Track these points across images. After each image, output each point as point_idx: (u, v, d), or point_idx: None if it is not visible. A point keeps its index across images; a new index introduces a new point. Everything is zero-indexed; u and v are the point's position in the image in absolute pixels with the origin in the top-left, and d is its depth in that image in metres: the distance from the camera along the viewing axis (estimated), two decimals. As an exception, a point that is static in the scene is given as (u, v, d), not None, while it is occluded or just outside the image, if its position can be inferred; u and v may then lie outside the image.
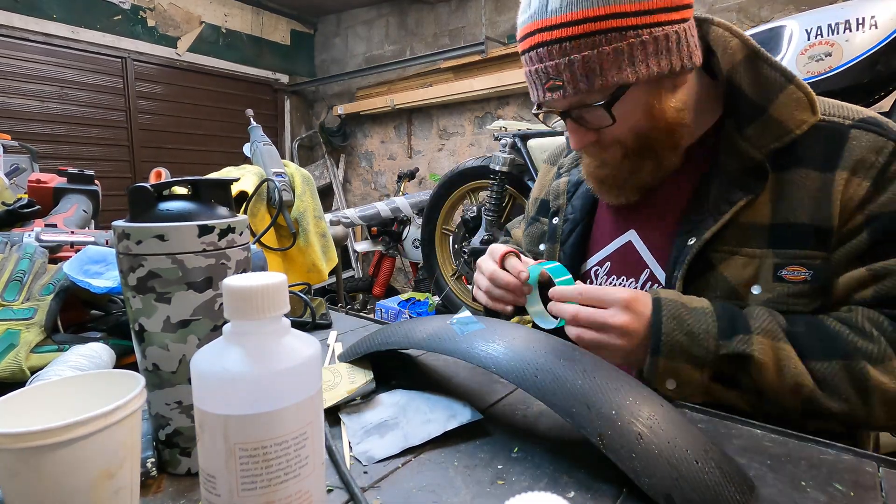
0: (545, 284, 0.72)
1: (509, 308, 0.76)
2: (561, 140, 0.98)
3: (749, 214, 0.63)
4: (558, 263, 0.71)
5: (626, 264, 0.76)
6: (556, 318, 0.68)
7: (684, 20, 0.62)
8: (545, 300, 0.70)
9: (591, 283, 0.80)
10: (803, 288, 0.61)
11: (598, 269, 0.79)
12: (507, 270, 0.75)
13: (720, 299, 0.63)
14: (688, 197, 0.70)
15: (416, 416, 0.51)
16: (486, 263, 0.78)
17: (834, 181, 0.60)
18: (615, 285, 0.77)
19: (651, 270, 0.73)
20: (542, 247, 0.88)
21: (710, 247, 0.65)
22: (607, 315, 0.60)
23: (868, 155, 0.60)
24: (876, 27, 1.68)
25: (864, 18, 1.69)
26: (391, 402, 0.54)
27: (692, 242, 0.65)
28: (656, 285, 0.72)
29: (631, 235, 0.76)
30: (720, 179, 0.66)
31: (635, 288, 0.74)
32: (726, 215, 0.63)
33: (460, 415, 0.51)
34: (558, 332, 0.65)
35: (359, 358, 0.61)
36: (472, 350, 0.49)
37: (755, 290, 0.62)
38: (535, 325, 0.74)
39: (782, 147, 0.63)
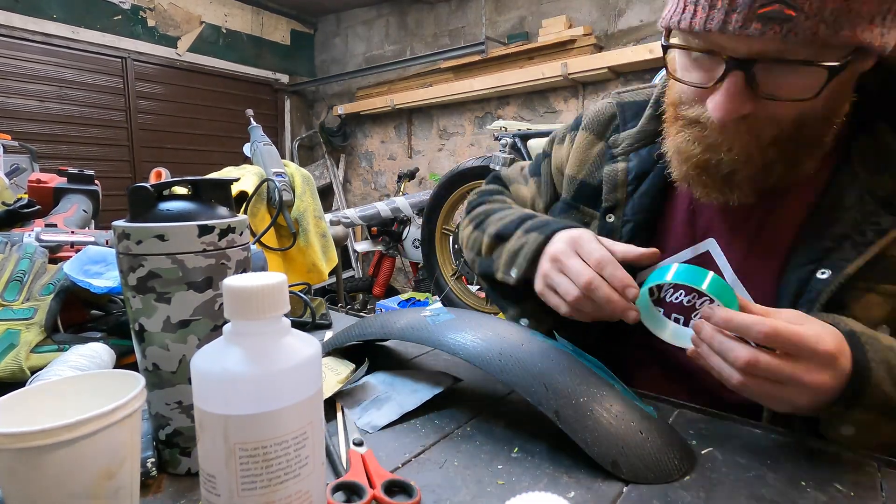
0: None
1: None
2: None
3: (893, 246, 0.51)
4: (696, 267, 0.50)
5: None
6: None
7: None
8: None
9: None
10: None
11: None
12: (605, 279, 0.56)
13: None
14: (799, 215, 0.57)
15: (404, 388, 0.56)
16: (575, 263, 0.57)
17: None
18: (679, 302, 0.64)
19: None
20: None
21: (845, 282, 0.52)
22: (801, 371, 0.43)
23: None
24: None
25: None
26: (378, 381, 0.58)
27: (826, 276, 0.51)
28: None
29: (710, 245, 0.62)
30: (861, 198, 0.52)
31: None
32: (875, 246, 0.50)
33: (444, 382, 0.56)
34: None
35: (341, 353, 0.63)
36: (442, 339, 0.52)
37: (881, 329, 0.50)
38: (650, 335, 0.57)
39: None
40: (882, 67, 0.51)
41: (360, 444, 0.45)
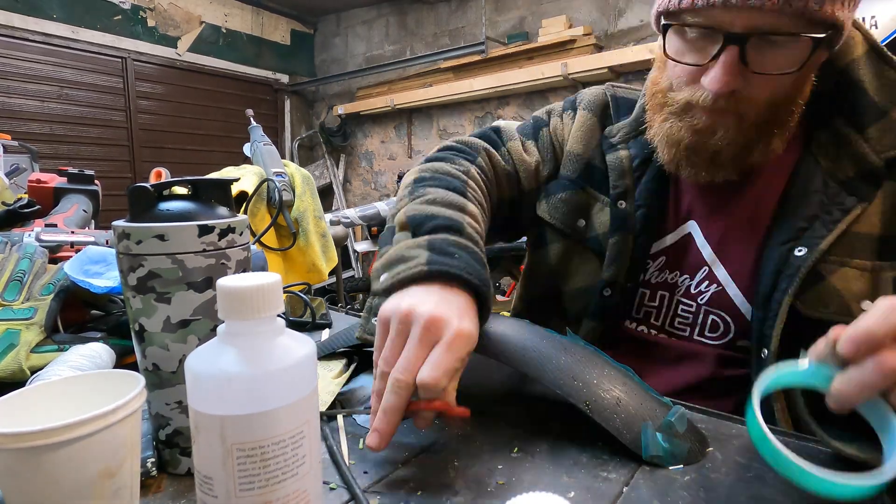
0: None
1: None
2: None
3: (858, 224, 0.57)
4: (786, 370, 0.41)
5: (683, 259, 0.67)
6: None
7: None
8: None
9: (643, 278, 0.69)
10: None
11: (649, 263, 0.69)
12: None
13: (833, 315, 0.56)
14: (772, 199, 0.62)
15: None
16: (411, 345, 0.43)
17: None
18: (670, 281, 0.68)
19: (711, 270, 0.65)
20: (581, 222, 0.72)
21: (820, 257, 0.57)
22: None
23: None
24: (876, 27, 1.68)
25: (864, 18, 1.69)
26: None
27: (802, 253, 0.57)
28: (714, 286, 0.65)
29: (691, 227, 0.67)
30: (825, 183, 0.58)
31: (690, 286, 0.66)
32: (841, 224, 0.56)
33: None
34: None
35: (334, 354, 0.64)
36: None
37: (865, 305, 0.51)
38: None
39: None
40: (834, 70, 0.60)
41: None
